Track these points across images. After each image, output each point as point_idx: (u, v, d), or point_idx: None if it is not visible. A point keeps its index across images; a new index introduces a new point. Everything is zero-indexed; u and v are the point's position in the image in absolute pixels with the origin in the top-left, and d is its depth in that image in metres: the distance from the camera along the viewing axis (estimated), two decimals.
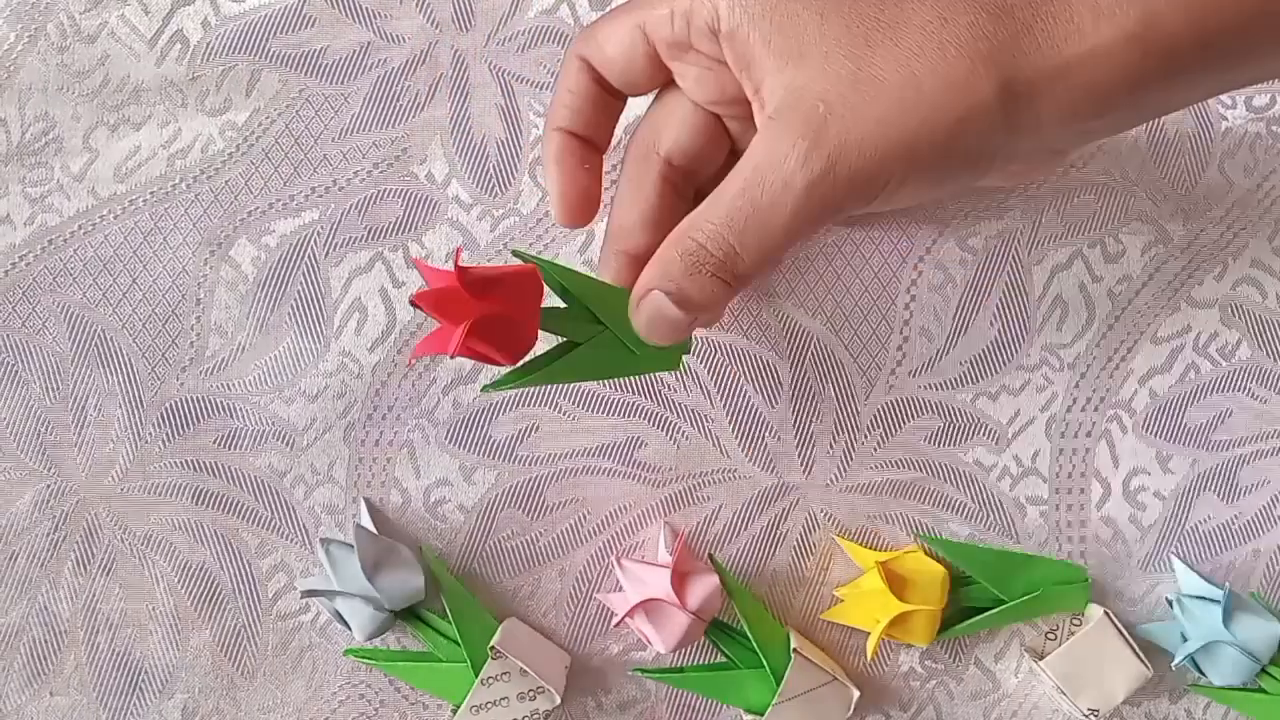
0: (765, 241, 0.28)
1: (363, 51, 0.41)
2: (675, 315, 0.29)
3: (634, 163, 0.34)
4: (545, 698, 0.38)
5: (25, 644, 0.39)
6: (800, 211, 0.28)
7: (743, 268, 0.29)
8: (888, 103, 0.27)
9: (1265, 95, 0.41)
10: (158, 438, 0.40)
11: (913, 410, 0.40)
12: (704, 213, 0.29)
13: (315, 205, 0.40)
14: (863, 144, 0.27)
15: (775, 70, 0.28)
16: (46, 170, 0.40)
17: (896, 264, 0.40)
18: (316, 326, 0.40)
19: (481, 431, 0.40)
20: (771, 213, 0.28)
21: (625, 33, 0.32)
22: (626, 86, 0.33)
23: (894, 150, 0.27)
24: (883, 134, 0.27)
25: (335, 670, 0.39)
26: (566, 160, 0.33)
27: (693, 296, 0.29)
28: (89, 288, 0.40)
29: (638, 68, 0.32)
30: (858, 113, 0.27)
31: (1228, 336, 0.40)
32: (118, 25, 0.40)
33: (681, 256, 0.29)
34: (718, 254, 0.28)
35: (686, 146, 0.33)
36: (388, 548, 0.38)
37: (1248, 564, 0.40)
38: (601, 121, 0.34)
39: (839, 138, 0.27)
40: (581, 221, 0.34)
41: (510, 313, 0.28)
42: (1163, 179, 0.41)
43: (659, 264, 0.30)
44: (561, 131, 0.33)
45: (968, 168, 0.29)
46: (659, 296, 0.29)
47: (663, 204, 0.33)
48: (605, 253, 0.34)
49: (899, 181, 0.28)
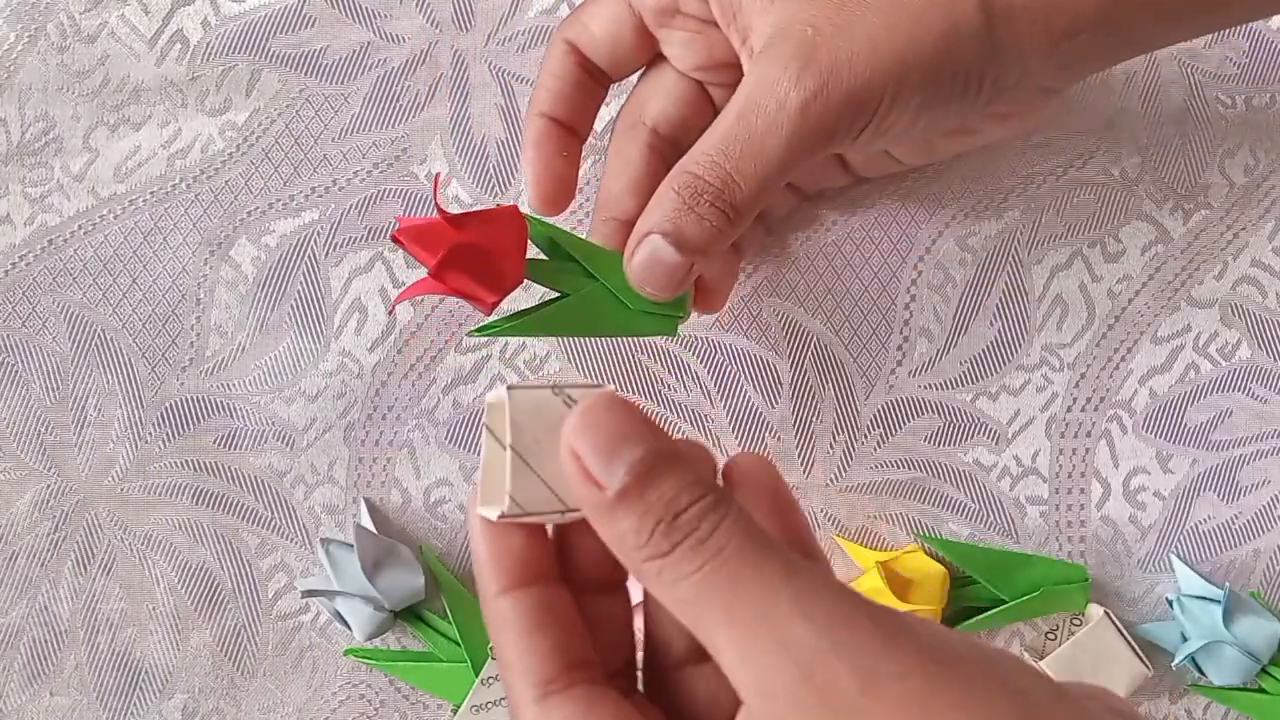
0: (762, 166, 0.28)
1: (363, 51, 0.41)
2: (672, 258, 0.29)
3: (621, 134, 0.34)
4: None
5: (25, 644, 0.39)
6: (796, 132, 0.28)
7: (740, 196, 0.28)
8: (875, 22, 0.28)
9: (1265, 95, 0.41)
10: (158, 438, 0.40)
11: (913, 410, 0.40)
12: (699, 146, 0.29)
13: (315, 205, 0.40)
14: (854, 61, 0.27)
15: (762, 11, 0.29)
16: (46, 170, 0.40)
17: (896, 264, 0.40)
18: (316, 326, 0.40)
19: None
20: (767, 136, 0.28)
21: (611, 8, 0.32)
22: (613, 66, 0.33)
23: (884, 66, 0.28)
24: (872, 51, 0.27)
25: (335, 670, 0.39)
26: (545, 145, 0.33)
27: (690, 234, 0.29)
28: (89, 288, 0.40)
29: (625, 43, 0.32)
30: (846, 33, 0.28)
31: (1228, 336, 0.40)
32: (118, 25, 0.40)
33: (678, 191, 0.29)
34: (715, 182, 0.28)
35: (672, 115, 0.33)
36: (388, 548, 0.38)
37: (1248, 564, 0.40)
38: (584, 107, 0.34)
39: (830, 57, 0.27)
40: (555, 208, 0.34)
41: (491, 246, 0.28)
42: (1163, 179, 0.41)
43: (655, 205, 0.29)
44: (543, 117, 0.33)
45: (957, 91, 0.29)
46: (655, 239, 0.29)
47: (649, 171, 0.33)
48: (595, 221, 0.34)
49: (890, 100, 0.28)
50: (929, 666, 0.18)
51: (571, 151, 0.34)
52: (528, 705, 0.21)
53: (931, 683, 0.18)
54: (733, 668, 0.19)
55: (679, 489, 0.20)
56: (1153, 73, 0.41)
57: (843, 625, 0.19)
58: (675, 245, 0.29)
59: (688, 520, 0.20)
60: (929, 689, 0.18)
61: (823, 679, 0.18)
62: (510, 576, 0.22)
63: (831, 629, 0.19)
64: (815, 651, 0.18)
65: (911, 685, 0.18)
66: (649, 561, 0.20)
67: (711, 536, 0.20)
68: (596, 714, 0.21)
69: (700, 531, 0.20)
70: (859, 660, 0.18)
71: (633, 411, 0.21)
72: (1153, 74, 0.41)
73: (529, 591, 0.22)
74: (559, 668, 0.21)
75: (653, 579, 0.20)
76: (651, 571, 0.20)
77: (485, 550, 0.22)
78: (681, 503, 0.20)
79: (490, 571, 0.22)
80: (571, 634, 0.22)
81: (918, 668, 0.18)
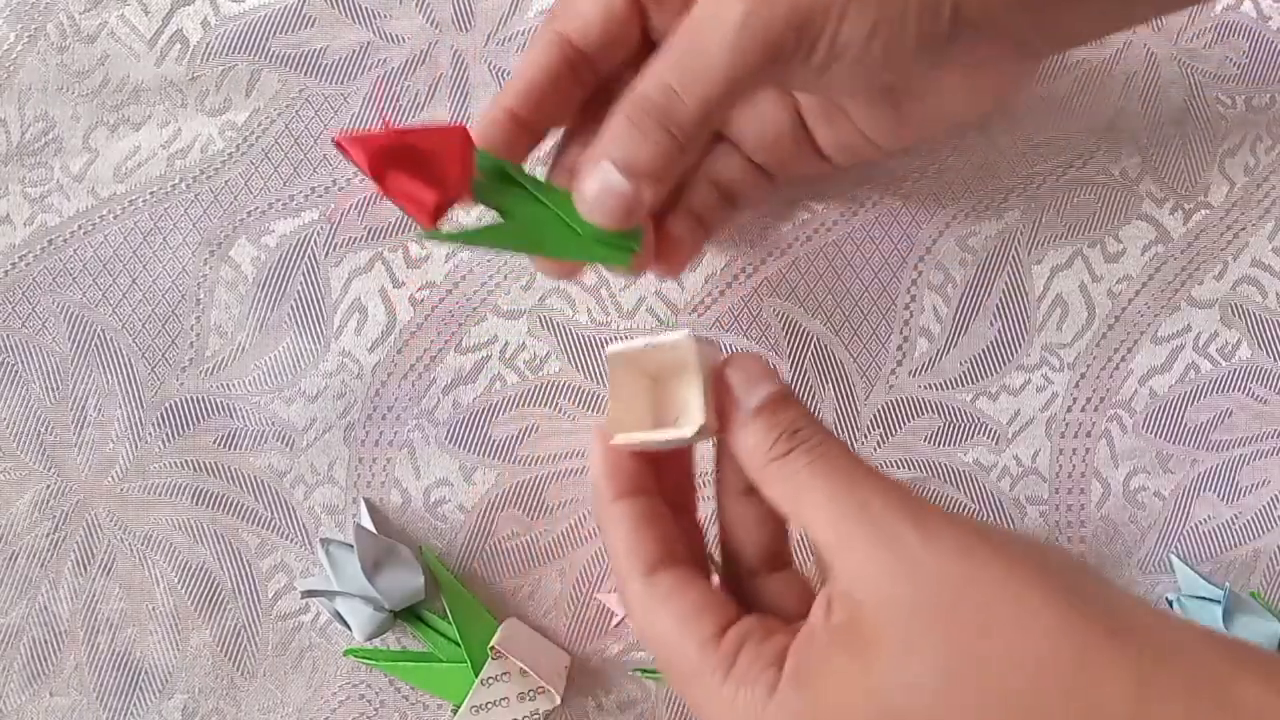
0: (706, 84, 0.28)
1: (363, 51, 0.41)
2: (621, 185, 0.28)
3: (541, 35, 0.32)
4: (545, 698, 0.38)
5: (25, 644, 0.39)
6: (738, 47, 0.27)
7: (685, 114, 0.28)
8: None
9: (1265, 95, 0.41)
10: (158, 438, 0.40)
11: (913, 410, 0.40)
12: (647, 70, 0.28)
13: (315, 205, 0.40)
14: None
15: None
16: (46, 170, 0.40)
17: (896, 264, 0.40)
18: (316, 326, 0.40)
19: (481, 431, 0.40)
20: (710, 51, 0.27)
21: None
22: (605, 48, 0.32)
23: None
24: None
25: (335, 670, 0.39)
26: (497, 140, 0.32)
27: (638, 157, 0.28)
28: (89, 288, 0.40)
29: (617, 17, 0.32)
30: None
31: (1228, 336, 0.40)
32: (118, 25, 0.40)
33: (626, 114, 0.28)
34: (659, 98, 0.28)
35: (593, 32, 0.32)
36: (388, 548, 0.38)
37: (1248, 564, 0.40)
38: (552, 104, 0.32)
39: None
40: None
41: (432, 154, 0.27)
42: (1163, 179, 0.41)
43: (605, 132, 0.29)
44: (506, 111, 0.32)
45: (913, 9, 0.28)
46: (604, 165, 0.28)
47: (556, 79, 0.32)
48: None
49: (839, 14, 0.28)
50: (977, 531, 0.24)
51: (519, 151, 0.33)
52: (636, 579, 0.27)
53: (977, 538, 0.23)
54: (823, 535, 0.25)
55: (798, 415, 0.27)
56: (1153, 73, 0.41)
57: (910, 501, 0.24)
58: (625, 170, 0.28)
59: (803, 434, 0.26)
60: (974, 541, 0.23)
61: (894, 538, 0.24)
62: (622, 488, 0.28)
63: (902, 503, 0.24)
64: (888, 515, 0.24)
65: (962, 540, 0.23)
66: (771, 463, 0.26)
67: (819, 445, 0.26)
68: (695, 588, 0.26)
69: (811, 442, 0.26)
70: (921, 524, 0.24)
71: (767, 365, 0.28)
72: (1153, 74, 0.41)
73: (637, 499, 0.28)
74: (663, 554, 0.27)
75: (772, 476, 0.26)
76: (772, 470, 0.26)
77: (604, 467, 0.28)
78: (800, 424, 0.26)
79: (607, 483, 0.28)
80: (671, 533, 0.28)
81: (968, 530, 0.24)
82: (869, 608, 0.23)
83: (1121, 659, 0.22)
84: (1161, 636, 0.22)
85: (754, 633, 0.25)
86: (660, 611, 0.26)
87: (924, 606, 0.23)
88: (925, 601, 0.23)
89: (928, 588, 0.23)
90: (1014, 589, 0.23)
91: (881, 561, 0.23)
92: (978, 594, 0.23)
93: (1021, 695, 0.22)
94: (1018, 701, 0.22)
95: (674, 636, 0.26)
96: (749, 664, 0.25)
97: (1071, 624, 0.22)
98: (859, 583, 0.24)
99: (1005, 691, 0.22)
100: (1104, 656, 0.22)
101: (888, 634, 0.23)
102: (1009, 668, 0.22)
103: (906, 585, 0.23)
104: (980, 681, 0.22)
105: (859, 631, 0.23)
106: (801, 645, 0.25)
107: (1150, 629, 0.22)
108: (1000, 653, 0.22)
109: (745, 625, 0.26)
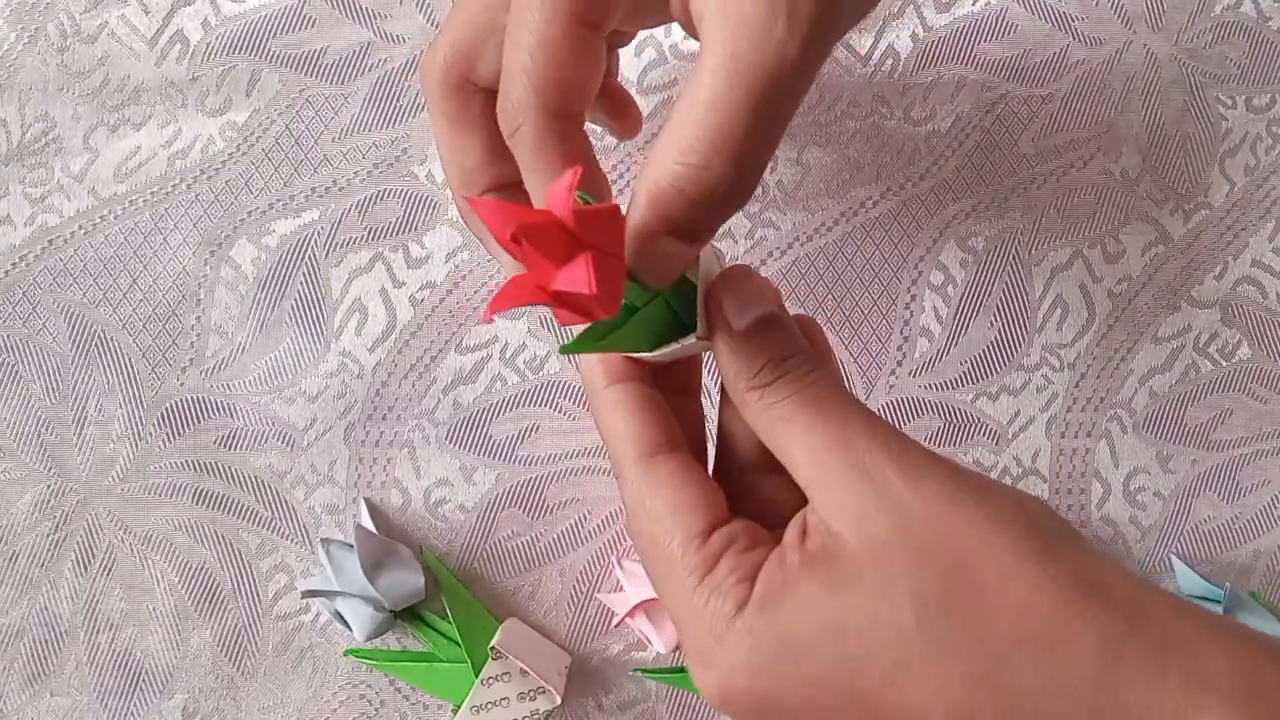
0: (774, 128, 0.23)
1: (363, 51, 0.41)
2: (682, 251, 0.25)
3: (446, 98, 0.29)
4: (545, 698, 0.38)
5: (25, 644, 0.39)
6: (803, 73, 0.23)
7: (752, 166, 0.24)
8: None
9: (1265, 95, 0.41)
10: (158, 437, 0.40)
11: (913, 410, 0.40)
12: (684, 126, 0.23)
13: (315, 205, 0.40)
14: None
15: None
16: (46, 170, 0.40)
17: (896, 264, 0.40)
18: (316, 326, 0.40)
19: (481, 431, 0.40)
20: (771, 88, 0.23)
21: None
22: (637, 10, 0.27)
23: None
24: None
25: (335, 670, 0.39)
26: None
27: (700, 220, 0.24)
28: (89, 288, 0.40)
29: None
30: None
31: (1228, 336, 0.40)
32: (118, 25, 0.40)
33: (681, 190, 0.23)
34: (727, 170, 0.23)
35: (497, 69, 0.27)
36: (388, 548, 0.38)
37: (1248, 564, 0.40)
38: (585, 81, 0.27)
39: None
40: None
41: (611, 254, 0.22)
42: (1163, 179, 0.41)
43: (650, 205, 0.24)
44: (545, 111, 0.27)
45: None
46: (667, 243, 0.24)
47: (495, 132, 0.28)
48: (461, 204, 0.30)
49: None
50: (960, 476, 0.24)
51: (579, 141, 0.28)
52: (632, 464, 0.26)
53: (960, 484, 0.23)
54: (803, 469, 0.24)
55: (787, 340, 0.26)
56: (1153, 73, 0.41)
57: (895, 441, 0.24)
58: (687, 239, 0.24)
59: (790, 364, 0.25)
60: (957, 487, 0.23)
61: (878, 476, 0.23)
62: (616, 374, 0.27)
63: (887, 443, 0.24)
64: (874, 458, 0.24)
65: (945, 485, 0.23)
66: (754, 390, 0.25)
67: (806, 375, 0.25)
68: (692, 478, 0.26)
69: (798, 371, 0.25)
70: (905, 465, 0.23)
71: (764, 283, 0.26)
72: (1153, 74, 0.41)
73: (632, 384, 0.27)
74: (661, 440, 0.26)
75: (753, 403, 0.26)
76: (754, 397, 0.25)
77: (596, 358, 0.27)
78: (788, 350, 0.26)
79: (600, 369, 0.27)
80: (668, 419, 0.27)
81: (951, 474, 0.24)
82: (847, 541, 0.23)
83: (1092, 620, 0.22)
84: (1133, 601, 0.22)
85: (739, 539, 0.25)
86: (653, 497, 0.26)
87: (903, 546, 0.23)
88: (905, 542, 0.23)
89: (909, 530, 0.23)
90: (994, 540, 0.23)
91: (864, 498, 0.23)
92: (958, 541, 0.23)
93: (990, 643, 0.22)
94: (986, 649, 0.22)
95: (661, 526, 0.25)
96: (726, 573, 0.24)
97: (1047, 580, 0.22)
98: (839, 516, 0.24)
99: (975, 638, 0.22)
100: (1076, 615, 0.22)
101: (864, 568, 0.23)
102: (982, 617, 0.22)
103: (888, 525, 0.23)
104: (951, 625, 0.22)
105: (835, 563, 0.23)
106: (773, 566, 0.24)
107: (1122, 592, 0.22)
108: (975, 600, 0.22)
109: (732, 529, 0.25)
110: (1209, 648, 0.21)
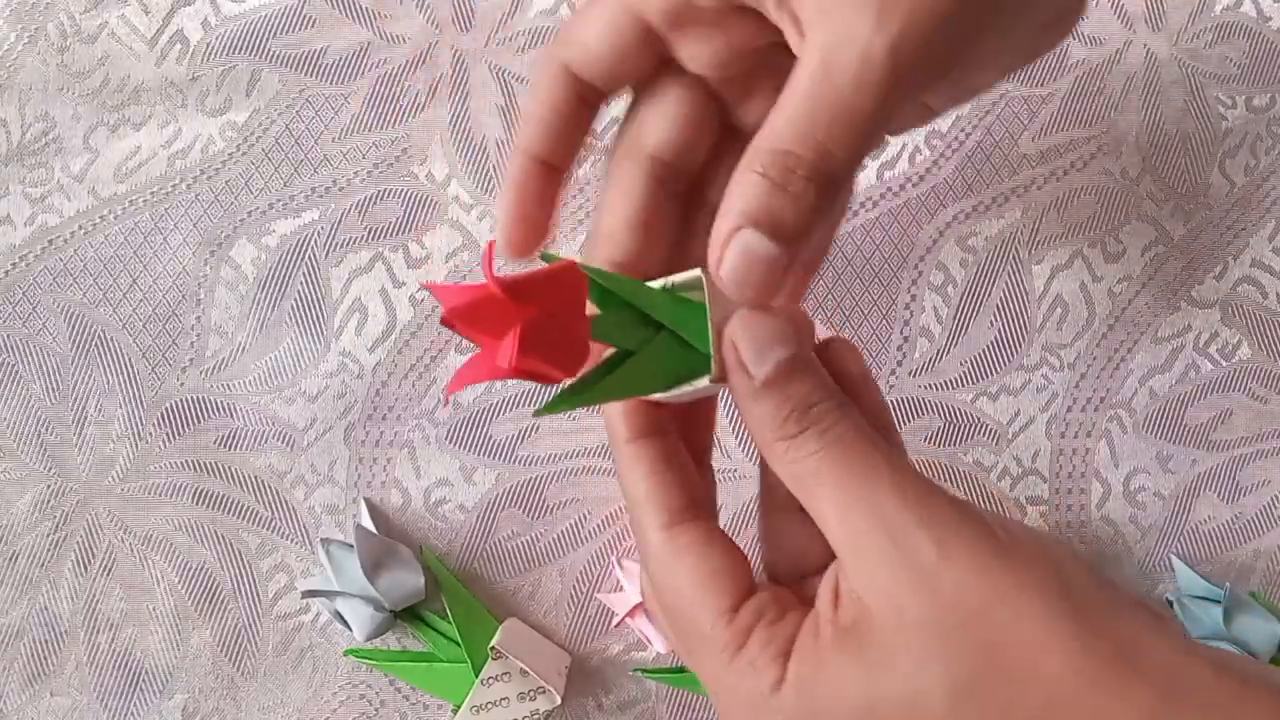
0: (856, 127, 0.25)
1: (363, 51, 0.41)
2: (770, 250, 0.25)
3: (619, 164, 0.31)
4: (545, 698, 0.38)
5: (25, 644, 0.39)
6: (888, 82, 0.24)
7: (836, 165, 0.25)
8: None
9: (1265, 95, 0.41)
10: (158, 437, 0.40)
11: (913, 410, 0.40)
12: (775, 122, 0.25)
13: (315, 205, 0.40)
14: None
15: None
16: (46, 170, 0.40)
17: (896, 264, 0.40)
18: (316, 326, 0.40)
19: (481, 431, 0.40)
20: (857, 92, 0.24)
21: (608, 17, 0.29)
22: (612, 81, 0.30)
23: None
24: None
25: (335, 670, 0.39)
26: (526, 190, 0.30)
27: (786, 216, 0.25)
28: (89, 288, 0.40)
29: (628, 53, 0.29)
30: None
31: (1228, 336, 0.40)
32: (118, 25, 0.40)
33: (764, 172, 0.25)
34: (808, 154, 0.25)
35: (674, 139, 0.30)
36: (388, 548, 0.38)
37: (1248, 564, 0.40)
38: (572, 142, 0.31)
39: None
40: (525, 254, 0.31)
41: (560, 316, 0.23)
42: (1163, 179, 0.41)
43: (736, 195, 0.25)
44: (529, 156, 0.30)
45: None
46: (746, 234, 0.24)
47: (653, 204, 0.30)
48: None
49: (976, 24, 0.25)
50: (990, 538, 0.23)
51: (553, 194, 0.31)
52: (656, 530, 0.26)
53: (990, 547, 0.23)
54: (833, 529, 0.24)
55: (812, 387, 0.25)
56: (1153, 73, 0.41)
57: (926, 504, 0.23)
58: (771, 234, 0.25)
59: (816, 413, 0.24)
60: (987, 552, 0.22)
61: (907, 544, 0.23)
62: (639, 428, 0.27)
63: (918, 506, 0.23)
64: (903, 522, 0.23)
65: (975, 550, 0.23)
66: (780, 441, 0.24)
67: (833, 428, 0.24)
68: (716, 547, 0.25)
69: (825, 422, 0.24)
70: (937, 532, 0.23)
71: (784, 322, 0.25)
72: (1153, 74, 0.41)
73: (655, 439, 0.27)
74: (684, 502, 0.26)
75: (779, 456, 0.25)
76: (780, 450, 0.25)
77: (620, 406, 0.27)
78: (814, 398, 0.24)
79: (623, 421, 0.27)
80: (691, 478, 0.27)
81: (981, 535, 0.23)
82: (878, 615, 0.23)
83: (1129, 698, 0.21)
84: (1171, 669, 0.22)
85: (768, 610, 0.25)
86: (678, 570, 0.25)
87: (936, 623, 0.22)
88: (938, 619, 0.22)
89: (941, 606, 0.22)
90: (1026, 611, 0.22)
91: (894, 571, 0.23)
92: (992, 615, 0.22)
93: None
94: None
95: (689, 602, 0.25)
96: (759, 649, 0.24)
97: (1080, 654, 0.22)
98: (870, 589, 0.23)
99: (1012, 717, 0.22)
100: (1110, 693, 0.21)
101: (896, 646, 0.23)
102: (1018, 693, 0.22)
103: (919, 600, 0.23)
104: (983, 710, 0.22)
105: (867, 638, 0.23)
106: (807, 641, 0.24)
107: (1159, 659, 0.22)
108: (1006, 682, 0.22)
109: (760, 601, 0.25)
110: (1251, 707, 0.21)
